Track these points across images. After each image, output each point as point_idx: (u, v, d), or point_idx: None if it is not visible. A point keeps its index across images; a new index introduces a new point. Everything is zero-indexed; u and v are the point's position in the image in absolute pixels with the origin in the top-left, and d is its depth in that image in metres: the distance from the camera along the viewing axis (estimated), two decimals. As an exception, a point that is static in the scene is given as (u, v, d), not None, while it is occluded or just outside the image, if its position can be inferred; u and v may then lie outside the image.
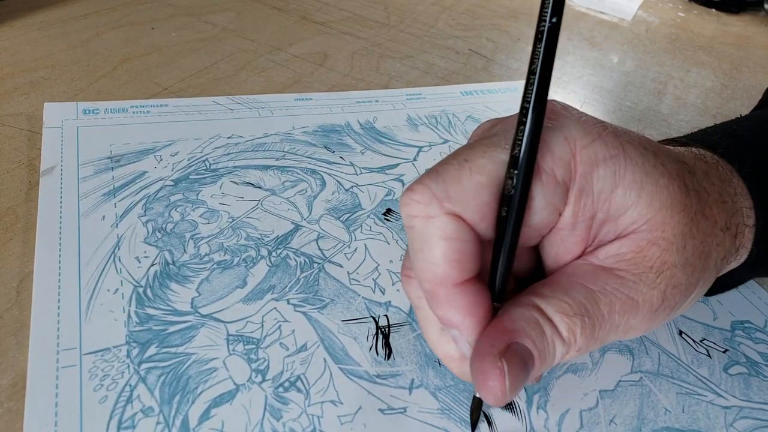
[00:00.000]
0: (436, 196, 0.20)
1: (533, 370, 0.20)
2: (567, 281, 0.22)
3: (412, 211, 0.21)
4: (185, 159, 0.38)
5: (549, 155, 0.21)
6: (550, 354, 0.21)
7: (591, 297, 0.21)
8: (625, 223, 0.22)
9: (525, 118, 0.20)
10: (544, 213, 0.21)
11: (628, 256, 0.22)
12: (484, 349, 0.20)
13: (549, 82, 0.20)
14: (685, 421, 0.26)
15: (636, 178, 0.21)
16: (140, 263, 0.30)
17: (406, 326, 0.29)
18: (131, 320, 0.27)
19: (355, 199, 0.37)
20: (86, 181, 0.35)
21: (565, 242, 0.22)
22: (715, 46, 0.71)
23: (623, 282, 0.21)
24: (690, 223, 0.22)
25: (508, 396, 0.20)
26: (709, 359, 0.30)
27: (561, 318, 0.20)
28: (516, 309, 0.21)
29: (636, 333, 0.22)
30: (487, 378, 0.19)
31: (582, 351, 0.21)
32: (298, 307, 0.29)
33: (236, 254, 0.32)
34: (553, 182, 0.21)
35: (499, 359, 0.19)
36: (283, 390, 0.25)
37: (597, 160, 0.21)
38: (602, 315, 0.21)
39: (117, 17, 0.58)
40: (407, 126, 0.45)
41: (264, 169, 0.38)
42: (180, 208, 0.34)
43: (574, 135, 0.21)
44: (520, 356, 0.20)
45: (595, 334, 0.21)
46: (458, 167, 0.21)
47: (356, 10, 0.68)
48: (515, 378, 0.20)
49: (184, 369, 0.25)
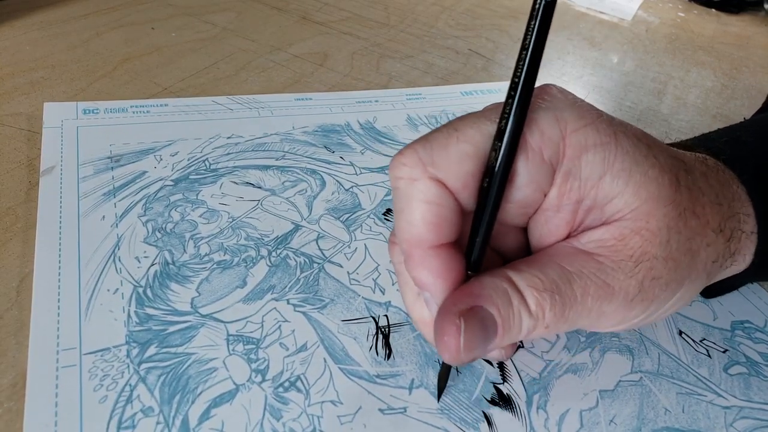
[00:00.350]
0: (422, 160, 0.21)
1: (495, 338, 0.21)
2: (545, 260, 0.22)
3: (398, 173, 0.21)
4: (185, 159, 0.38)
5: (538, 133, 0.21)
6: (515, 325, 0.21)
7: (565, 276, 0.21)
8: (611, 210, 0.22)
9: (514, 92, 0.20)
10: (528, 190, 0.22)
11: (609, 243, 0.22)
12: (446, 307, 0.21)
13: (540, 58, 0.20)
14: (685, 421, 0.26)
15: (625, 167, 0.21)
16: (140, 263, 0.30)
17: (406, 326, 0.29)
18: (131, 320, 0.27)
19: (355, 199, 0.37)
20: (86, 180, 0.35)
21: (550, 224, 0.23)
22: (715, 46, 0.71)
23: (601, 267, 0.21)
24: (677, 218, 0.22)
25: (462, 355, 0.20)
26: (709, 359, 0.30)
27: (531, 292, 0.21)
28: (487, 278, 0.21)
29: (610, 322, 0.22)
30: (443, 333, 0.20)
31: (551, 329, 0.21)
32: (298, 307, 0.29)
33: (236, 254, 0.32)
34: (539, 160, 0.21)
35: (457, 317, 0.20)
36: (283, 390, 0.25)
37: (587, 145, 0.21)
38: (575, 296, 0.21)
39: (117, 17, 0.58)
40: (407, 126, 0.45)
41: (264, 169, 0.38)
42: (180, 208, 0.34)
43: (566, 117, 0.21)
44: (480, 319, 0.20)
45: (565, 313, 0.21)
46: (447, 135, 0.21)
47: (356, 10, 0.68)
48: (471, 338, 0.20)
49: (184, 369, 0.25)
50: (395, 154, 0.22)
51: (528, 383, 0.27)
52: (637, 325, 0.24)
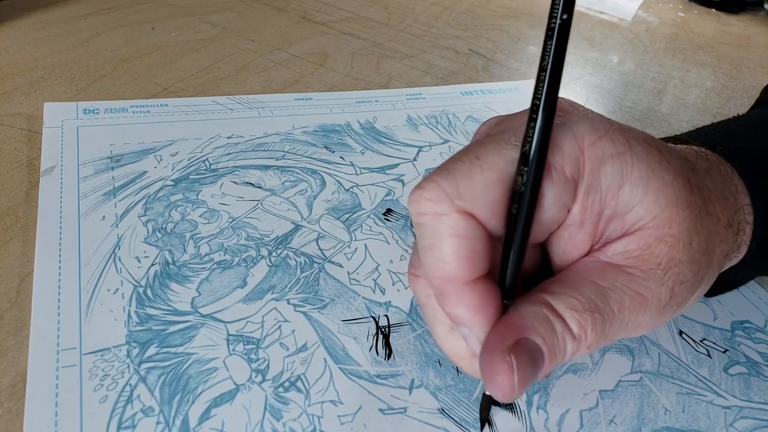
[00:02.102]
0: (447, 194, 0.20)
1: (543, 367, 0.20)
2: (576, 278, 0.22)
3: (422, 208, 0.20)
4: (185, 159, 0.38)
5: (558, 152, 0.21)
6: (560, 350, 0.20)
7: (601, 293, 0.21)
8: (632, 219, 0.22)
9: (536, 115, 0.20)
10: (554, 210, 0.21)
11: (636, 253, 0.22)
12: (493, 344, 0.20)
13: (560, 78, 0.20)
14: (685, 421, 0.26)
15: (642, 175, 0.21)
16: (140, 263, 0.30)
17: (406, 326, 0.29)
18: (131, 320, 0.27)
19: (355, 199, 0.37)
20: (86, 180, 0.35)
21: (573, 239, 0.22)
22: (715, 46, 0.71)
23: (632, 278, 0.21)
24: (695, 220, 0.22)
25: (516, 392, 0.20)
26: (709, 359, 0.30)
27: (571, 314, 0.20)
28: (526, 306, 0.21)
29: (643, 330, 0.22)
30: (495, 373, 0.19)
31: (592, 348, 0.21)
32: (298, 307, 0.29)
33: (236, 254, 0.32)
34: (562, 179, 0.21)
35: (507, 354, 0.19)
36: (283, 390, 0.25)
37: (605, 157, 0.21)
38: (612, 311, 0.21)
39: (117, 17, 0.58)
40: (407, 126, 0.45)
41: (264, 169, 0.38)
42: (180, 208, 0.34)
43: (582, 132, 0.21)
44: (528, 352, 0.20)
45: (606, 330, 0.21)
46: (469, 164, 0.21)
47: (356, 10, 0.68)
48: (524, 373, 0.19)
49: (184, 369, 0.25)
50: (414, 189, 0.21)
51: (528, 383, 0.27)
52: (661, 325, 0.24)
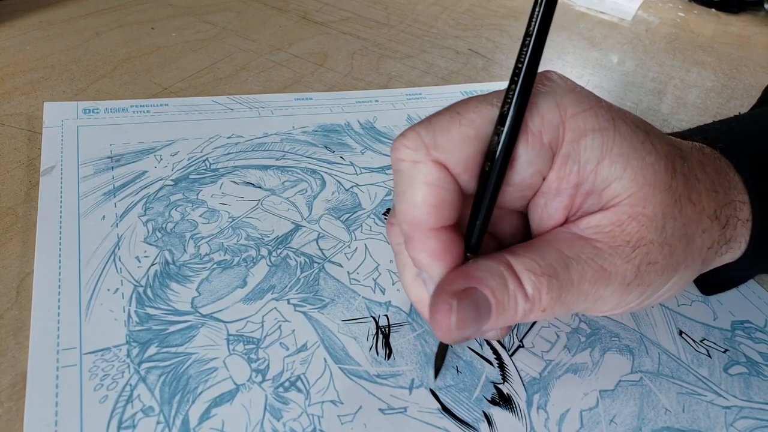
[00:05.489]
0: (425, 143, 0.21)
1: (489, 319, 0.21)
2: (543, 244, 0.22)
3: (400, 155, 0.22)
4: (185, 159, 0.38)
5: (538, 117, 0.21)
6: (510, 307, 0.21)
7: (563, 261, 0.21)
8: (609, 195, 0.22)
9: (517, 78, 0.21)
10: (527, 173, 0.22)
11: (607, 228, 0.22)
12: (441, 287, 0.21)
13: (543, 45, 0.21)
14: (685, 420, 0.26)
15: (623, 152, 0.21)
16: (140, 263, 0.30)
17: (406, 326, 0.29)
18: (131, 320, 0.27)
19: (355, 199, 0.37)
20: (86, 180, 0.35)
21: (549, 207, 0.23)
22: (715, 46, 0.71)
23: (598, 252, 0.22)
24: (673, 205, 0.22)
25: (454, 333, 0.21)
26: (710, 359, 0.30)
27: (528, 276, 0.21)
28: (485, 261, 0.22)
29: (606, 306, 0.23)
30: (436, 312, 0.21)
31: (547, 312, 0.22)
32: (298, 307, 0.29)
33: (236, 254, 0.32)
34: (538, 144, 0.21)
35: (451, 297, 0.21)
36: (284, 390, 0.25)
37: (586, 130, 0.21)
38: (571, 280, 0.21)
39: (117, 17, 0.58)
40: (407, 126, 0.45)
41: (264, 168, 0.38)
42: (180, 208, 0.34)
43: (566, 103, 0.22)
44: (473, 300, 0.21)
45: (562, 297, 0.21)
46: (449, 118, 0.22)
47: (356, 10, 0.68)
48: (463, 317, 0.20)
49: (184, 369, 0.25)
50: (397, 136, 0.22)
51: (528, 383, 0.27)
52: (633, 309, 0.24)
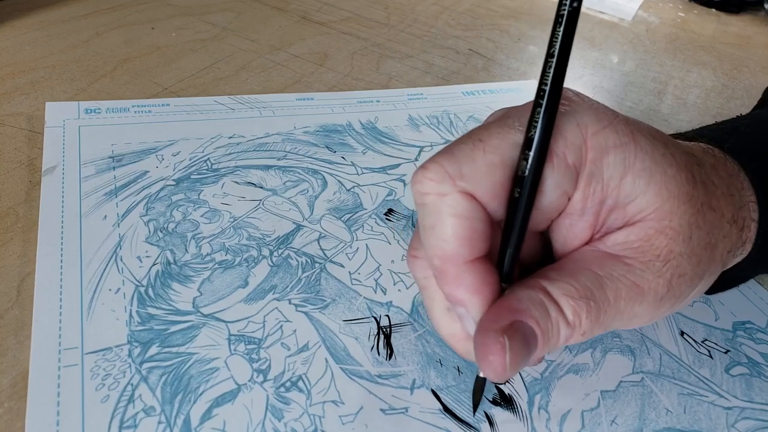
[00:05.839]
0: (449, 174, 0.20)
1: (536, 351, 0.21)
2: (575, 266, 0.22)
3: (424, 188, 0.21)
4: (187, 159, 0.38)
5: (561, 139, 0.21)
6: (553, 335, 0.21)
7: (597, 282, 0.21)
8: (633, 211, 0.22)
9: (542, 101, 0.20)
10: (554, 196, 0.22)
11: (636, 244, 0.22)
12: (487, 325, 0.20)
13: (566, 66, 0.20)
14: (686, 421, 0.26)
15: (645, 167, 0.21)
16: (142, 263, 0.30)
17: (407, 326, 0.29)
18: (133, 320, 0.27)
19: (357, 199, 0.37)
20: (88, 180, 0.35)
21: (574, 227, 0.23)
22: (715, 46, 0.71)
23: (630, 269, 0.21)
24: (696, 214, 0.22)
25: (508, 372, 0.20)
26: (711, 360, 0.30)
27: (567, 301, 0.21)
28: (522, 290, 0.21)
29: (640, 321, 0.22)
30: (488, 352, 0.20)
31: (586, 335, 0.21)
32: (299, 307, 0.29)
33: (238, 254, 0.32)
34: (564, 166, 0.21)
35: (501, 335, 0.20)
36: (285, 390, 0.25)
37: (608, 147, 0.21)
38: (608, 300, 0.21)
39: (117, 17, 0.58)
40: (409, 126, 0.45)
41: (265, 168, 0.38)
42: (182, 208, 0.34)
43: (586, 121, 0.21)
44: (522, 334, 0.20)
45: (600, 318, 0.21)
46: (472, 147, 0.21)
47: (356, 10, 0.68)
48: (516, 354, 0.20)
49: (185, 369, 0.25)
50: (418, 169, 0.21)
51: (529, 383, 0.27)
52: (659, 318, 0.24)
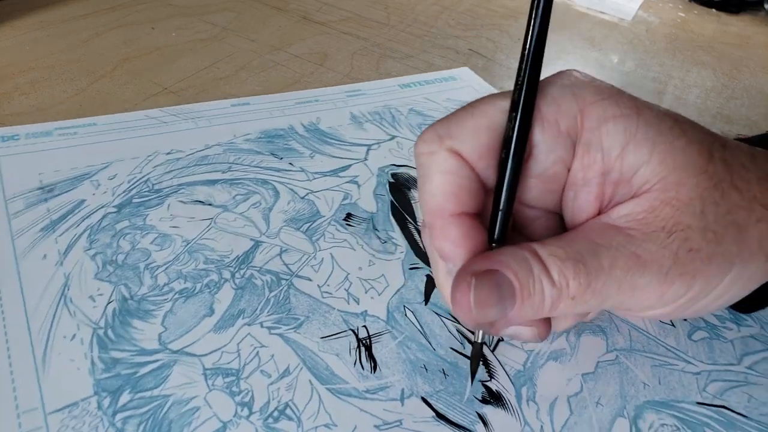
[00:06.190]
0: (439, 135, 0.23)
1: (514, 303, 0.21)
2: (574, 234, 0.22)
3: (419, 149, 0.23)
4: (125, 181, 0.35)
5: (554, 106, 0.22)
6: (536, 292, 0.21)
7: (592, 248, 0.21)
8: (639, 182, 0.22)
9: (524, 63, 0.21)
10: (548, 162, 0.22)
11: (640, 216, 0.22)
12: (462, 269, 0.22)
13: (547, 28, 0.21)
14: (663, 392, 0.28)
15: (648, 137, 0.21)
16: (95, 302, 0.28)
17: (386, 334, 0.29)
18: (96, 367, 0.25)
19: (313, 207, 0.36)
20: (18, 217, 0.32)
21: (578, 200, 0.23)
22: (715, 46, 0.71)
23: (631, 239, 0.21)
24: (712, 189, 0.21)
25: (474, 312, 0.21)
26: (674, 328, 0.31)
27: (553, 260, 0.21)
28: (509, 248, 0.22)
29: (646, 298, 0.22)
30: (455, 290, 0.21)
31: (577, 300, 0.21)
32: (273, 330, 0.28)
33: (198, 280, 0.30)
34: (555, 131, 0.22)
35: (469, 276, 0.21)
36: (273, 420, 0.24)
37: (606, 117, 0.22)
38: (601, 266, 0.21)
39: (117, 17, 0.58)
40: (352, 124, 0.44)
41: (211, 184, 0.36)
42: (128, 236, 0.32)
43: (584, 93, 0.22)
44: (496, 281, 0.21)
45: (592, 284, 0.21)
46: (464, 112, 0.23)
47: (356, 10, 0.67)
48: (484, 297, 0.20)
49: (164, 413, 0.24)
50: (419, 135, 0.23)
51: (514, 376, 0.27)
52: (686, 308, 0.23)
